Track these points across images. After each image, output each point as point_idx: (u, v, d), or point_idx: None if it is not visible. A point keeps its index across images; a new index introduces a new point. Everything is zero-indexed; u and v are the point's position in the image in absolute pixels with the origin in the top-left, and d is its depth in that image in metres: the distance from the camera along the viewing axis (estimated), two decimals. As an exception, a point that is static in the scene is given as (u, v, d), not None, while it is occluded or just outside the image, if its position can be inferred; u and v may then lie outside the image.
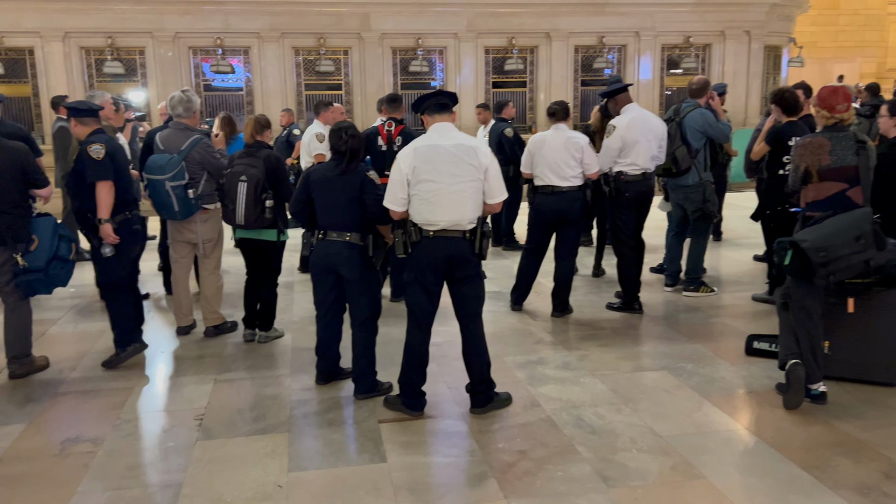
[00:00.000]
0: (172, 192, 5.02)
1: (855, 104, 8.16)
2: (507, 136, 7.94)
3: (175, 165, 5.01)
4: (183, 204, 5.07)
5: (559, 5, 12.89)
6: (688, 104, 6.20)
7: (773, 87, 13.10)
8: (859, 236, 3.71)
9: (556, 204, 5.66)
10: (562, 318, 5.84)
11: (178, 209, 5.09)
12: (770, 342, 4.78)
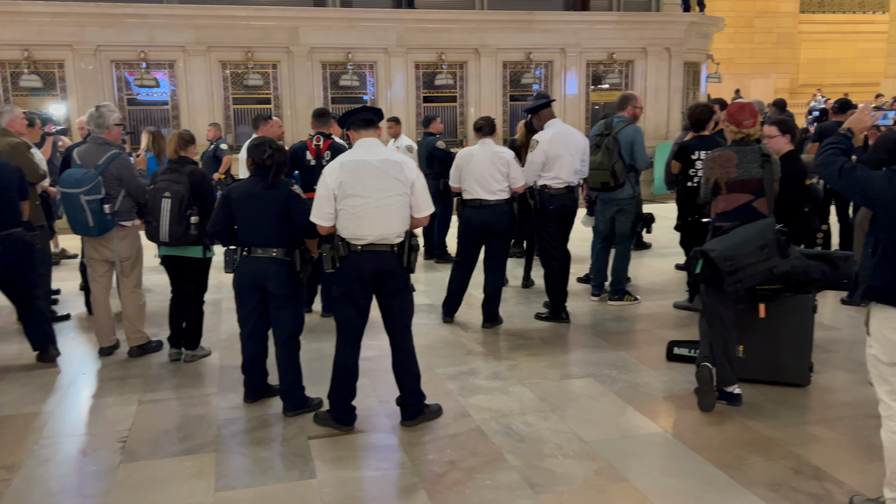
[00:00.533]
0: (87, 207, 4.90)
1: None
2: (440, 148, 8.03)
3: (91, 179, 4.90)
4: (98, 219, 4.95)
5: (487, 22, 13.12)
6: (619, 119, 6.39)
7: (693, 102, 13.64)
8: (764, 245, 3.93)
9: (484, 217, 5.76)
10: (492, 329, 5.93)
11: (93, 224, 4.97)
12: (689, 348, 4.97)
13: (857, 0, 27.27)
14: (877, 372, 2.99)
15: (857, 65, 25.71)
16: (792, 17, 26.08)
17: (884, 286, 2.86)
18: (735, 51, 24.80)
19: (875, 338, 2.95)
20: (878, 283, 2.88)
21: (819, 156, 3.08)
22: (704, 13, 14.71)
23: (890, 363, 2.91)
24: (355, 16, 12.63)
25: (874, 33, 24.96)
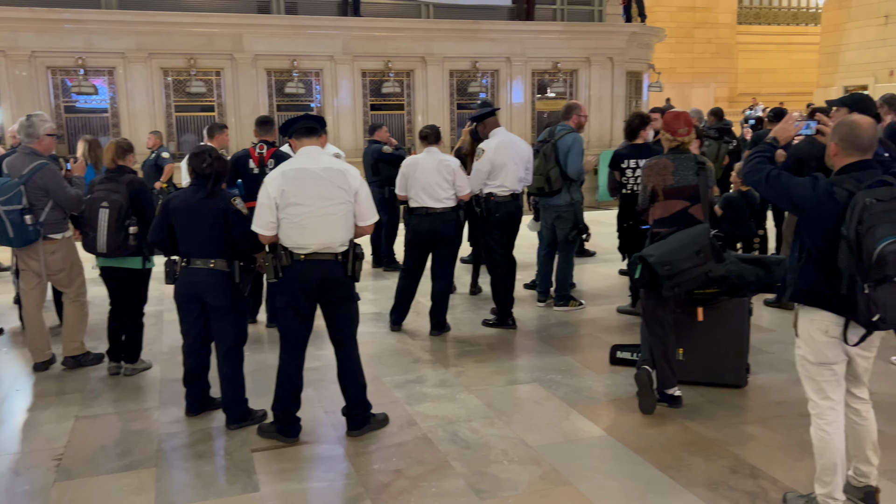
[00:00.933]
0: (6, 217, 4.75)
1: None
2: (386, 152, 8.02)
3: (10, 189, 4.75)
4: (18, 230, 4.81)
5: (433, 30, 13.18)
6: (562, 127, 6.48)
7: (636, 110, 13.93)
8: (699, 250, 4.04)
9: (431, 225, 5.78)
10: (440, 337, 5.94)
11: (13, 235, 4.83)
12: (632, 351, 5.06)
13: (790, 13, 28.28)
14: (805, 372, 3.10)
15: (792, 74, 26.62)
16: (730, 28, 26.89)
17: (809, 289, 2.97)
18: (676, 60, 25.43)
19: (803, 339, 3.06)
20: (803, 287, 2.98)
21: (747, 164, 3.17)
22: (646, 24, 15.06)
23: (817, 363, 3.02)
24: (300, 23, 12.55)
25: (807, 44, 25.89)
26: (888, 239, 2.64)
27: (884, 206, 2.69)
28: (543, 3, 14.05)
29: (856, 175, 2.85)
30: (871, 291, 2.70)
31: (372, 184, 7.92)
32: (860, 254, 2.69)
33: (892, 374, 4.81)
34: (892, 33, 19.22)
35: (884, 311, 2.72)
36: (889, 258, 2.63)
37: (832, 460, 3.02)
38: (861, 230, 2.68)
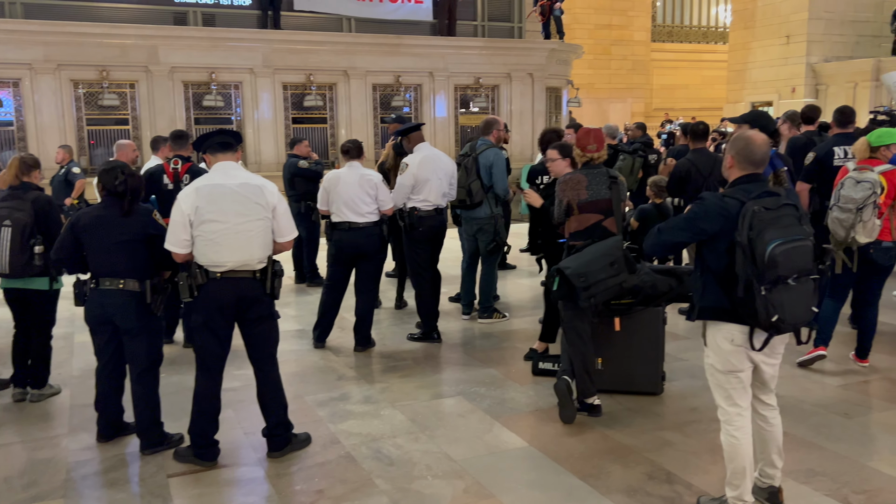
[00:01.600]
0: None
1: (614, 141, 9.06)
2: (303, 167, 7.92)
3: None
4: None
5: (356, 44, 13.16)
6: (483, 142, 6.56)
7: (556, 125, 14.24)
8: (613, 262, 4.17)
9: (354, 239, 5.75)
10: (364, 352, 5.90)
11: None
12: (553, 362, 5.15)
13: (700, 31, 29.52)
14: (714, 380, 3.23)
15: (703, 90, 27.76)
16: (644, 45, 27.85)
17: (713, 306, 3.12)
18: (594, 76, 26.14)
19: (711, 348, 3.19)
20: (707, 304, 3.14)
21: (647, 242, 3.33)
22: (564, 41, 15.44)
23: (725, 371, 3.15)
24: (219, 35, 12.32)
25: (716, 62, 27.05)
26: (776, 241, 2.85)
27: (771, 213, 2.91)
28: (465, 20, 14.23)
29: (745, 187, 3.06)
30: (768, 293, 2.87)
31: (289, 198, 7.82)
32: (754, 258, 2.87)
33: (797, 378, 5.06)
34: (793, 52, 20.31)
35: (781, 312, 2.89)
36: (779, 259, 2.84)
37: (741, 465, 3.15)
38: (752, 235, 2.88)
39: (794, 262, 2.89)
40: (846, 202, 4.85)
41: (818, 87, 20.12)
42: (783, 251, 2.85)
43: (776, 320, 2.89)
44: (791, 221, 2.96)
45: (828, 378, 5.07)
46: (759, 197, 2.97)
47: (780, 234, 2.88)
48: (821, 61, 19.98)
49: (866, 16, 20.37)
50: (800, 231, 2.96)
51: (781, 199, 3.00)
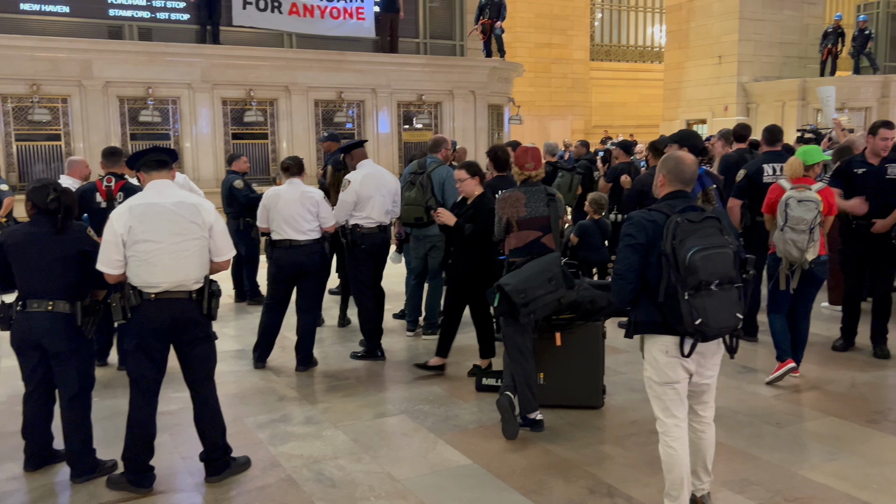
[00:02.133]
0: None
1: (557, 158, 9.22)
2: (237, 188, 7.80)
3: None
4: None
5: (297, 60, 13.06)
6: (432, 159, 6.58)
7: (497, 142, 14.40)
8: (551, 278, 4.24)
9: (295, 257, 5.68)
10: (306, 372, 5.82)
11: None
12: (496, 378, 5.17)
13: (637, 51, 30.32)
14: (652, 392, 3.30)
15: (640, 108, 28.46)
16: (583, 63, 28.44)
17: (647, 320, 3.22)
18: (535, 94, 26.55)
19: (648, 361, 3.28)
20: (642, 319, 3.24)
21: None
22: (505, 59, 15.63)
23: (661, 383, 3.24)
24: (156, 49, 12.07)
25: (653, 80, 27.80)
26: (696, 248, 3.01)
27: (694, 225, 3.08)
28: (407, 37, 14.28)
29: (671, 203, 3.22)
30: (691, 298, 3.00)
31: (227, 215, 7.70)
32: (677, 265, 3.02)
33: (731, 390, 5.19)
34: (725, 72, 21.02)
35: (704, 317, 3.01)
36: (698, 263, 2.99)
37: (679, 475, 3.22)
38: (675, 244, 3.03)
39: (714, 268, 3.03)
40: (798, 223, 4.94)
41: (749, 105, 20.86)
42: (702, 256, 3.00)
43: (699, 324, 3.02)
44: (713, 232, 3.11)
45: (761, 389, 5.22)
46: (683, 211, 3.14)
47: (701, 242, 3.04)
48: (751, 81, 20.73)
49: (792, 38, 21.25)
50: (721, 240, 3.11)
51: (705, 213, 3.17)
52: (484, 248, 5.17)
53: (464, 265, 5.34)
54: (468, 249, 5.26)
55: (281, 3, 12.90)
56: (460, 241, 5.29)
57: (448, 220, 5.28)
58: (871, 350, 5.91)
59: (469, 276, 5.32)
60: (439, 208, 5.51)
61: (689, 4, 22.02)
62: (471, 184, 5.26)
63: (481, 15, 15.00)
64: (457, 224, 5.24)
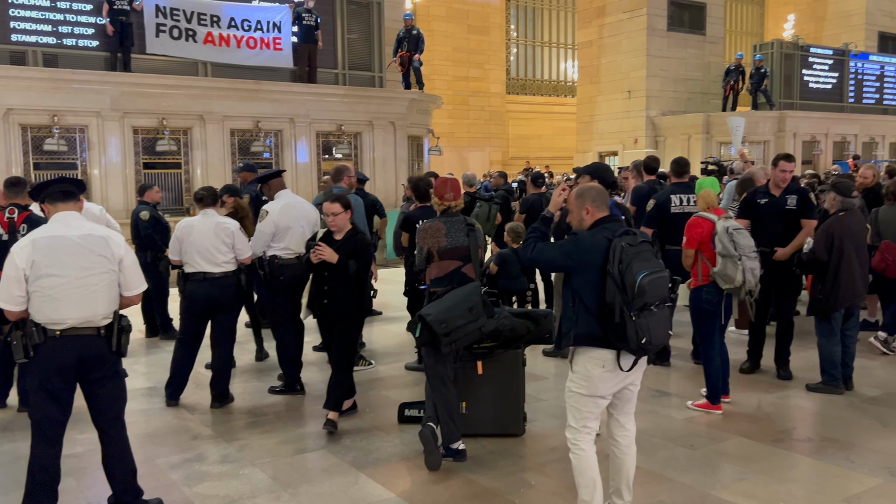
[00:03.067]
0: None
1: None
2: (143, 220, 7.55)
3: None
4: None
5: (212, 89, 12.84)
6: (339, 189, 6.55)
7: (418, 173, 14.50)
8: (472, 307, 4.29)
9: (209, 291, 5.54)
10: (222, 409, 5.64)
11: None
12: (419, 408, 5.14)
13: (551, 85, 31.28)
14: (573, 402, 3.47)
15: (555, 140, 29.31)
16: (500, 97, 29.12)
17: (586, 333, 3.38)
18: (454, 126, 26.96)
19: (579, 374, 3.43)
20: (581, 332, 3.39)
21: (524, 242, 3.65)
22: (424, 91, 15.84)
23: (588, 395, 3.41)
24: (62, 77, 11.63)
25: (567, 114, 28.70)
26: (644, 272, 3.22)
27: (634, 248, 3.29)
28: (325, 68, 14.28)
29: (608, 226, 3.42)
30: (637, 318, 3.20)
31: (136, 247, 7.44)
32: (624, 287, 3.22)
33: (648, 414, 5.33)
34: (634, 106, 21.93)
35: (648, 335, 3.22)
36: (647, 287, 3.20)
37: (591, 476, 3.40)
38: (622, 268, 3.24)
39: (657, 291, 3.26)
40: (750, 251, 5.11)
41: (657, 138, 21.79)
42: (650, 280, 3.22)
43: (645, 342, 3.22)
44: (649, 256, 3.35)
45: (674, 412, 5.39)
46: (620, 235, 3.34)
47: (646, 266, 3.26)
48: (659, 115, 21.69)
49: (696, 75, 22.40)
50: (658, 264, 3.35)
51: (638, 237, 3.39)
52: (363, 285, 5.09)
53: (345, 303, 4.99)
54: (349, 287, 4.97)
55: (196, 32, 12.68)
56: (341, 279, 4.93)
57: (331, 258, 4.86)
58: (776, 372, 6.20)
59: (348, 314, 5.05)
60: (321, 244, 4.94)
61: (599, 41, 22.93)
62: (344, 218, 5.01)
63: (399, 48, 15.19)
64: (340, 261, 4.88)
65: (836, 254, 5.53)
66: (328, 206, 5.01)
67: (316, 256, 4.89)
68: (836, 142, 21.77)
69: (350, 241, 4.99)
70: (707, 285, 5.21)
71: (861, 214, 6.04)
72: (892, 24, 26.03)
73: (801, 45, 21.36)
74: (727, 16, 28.63)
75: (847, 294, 5.56)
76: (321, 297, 5.05)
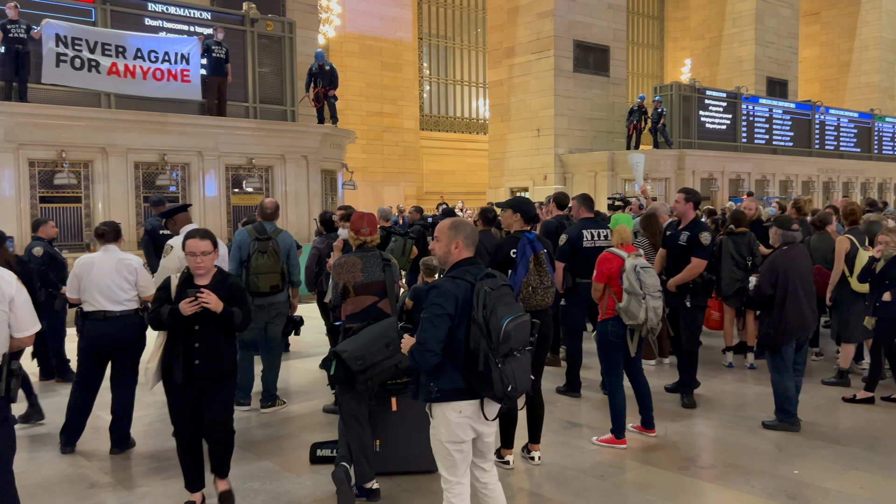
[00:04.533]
0: None
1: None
2: (35, 256, 7.18)
3: None
4: None
5: (115, 121, 12.42)
6: (271, 226, 6.43)
7: (332, 207, 14.40)
8: (389, 343, 4.24)
9: (109, 330, 5.30)
10: (123, 454, 5.36)
11: None
12: (332, 448, 5.03)
13: (464, 122, 31.84)
14: (439, 450, 3.35)
15: (468, 176, 29.76)
16: (414, 133, 29.40)
17: (452, 388, 3.25)
18: (368, 160, 26.99)
19: (439, 421, 3.32)
20: (445, 387, 3.25)
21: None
22: (337, 125, 15.82)
23: (449, 441, 3.29)
24: (-48, 106, 11.02)
25: (479, 150, 29.24)
26: (509, 317, 3.12)
27: (496, 292, 3.20)
28: (235, 101, 14.08)
29: (469, 269, 3.31)
30: (503, 366, 3.10)
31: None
32: (489, 333, 3.11)
33: (559, 445, 5.40)
34: (543, 144, 22.56)
35: (513, 382, 3.12)
36: (512, 333, 3.10)
37: None
38: (486, 313, 3.13)
39: (521, 335, 3.18)
40: (655, 290, 5.18)
41: (566, 175, 22.46)
42: (514, 326, 3.13)
43: (510, 390, 3.12)
44: (511, 300, 3.26)
45: (585, 443, 5.48)
46: (482, 279, 3.25)
47: (509, 310, 3.16)
48: (566, 152, 22.39)
49: (601, 115, 23.32)
50: (519, 308, 3.26)
51: (499, 279, 3.30)
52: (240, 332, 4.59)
53: (223, 362, 4.20)
54: (228, 342, 4.27)
55: (99, 63, 12.26)
56: (220, 333, 4.17)
57: (217, 306, 4.03)
58: (680, 400, 6.41)
59: (226, 376, 4.28)
60: (206, 290, 4.04)
61: (509, 81, 23.58)
62: (213, 258, 4.24)
63: (312, 82, 15.15)
64: (225, 311, 4.09)
65: (782, 288, 5.58)
66: (196, 243, 4.12)
67: (196, 305, 3.99)
68: (732, 179, 23.01)
69: (222, 285, 4.18)
70: (612, 319, 5.28)
71: (804, 247, 6.21)
72: (779, 70, 27.96)
73: (698, 87, 22.58)
74: (629, 59, 30.09)
75: (795, 327, 5.59)
76: (190, 358, 4.11)
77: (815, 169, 25.58)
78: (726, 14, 27.73)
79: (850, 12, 34.26)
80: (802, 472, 4.88)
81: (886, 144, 28.69)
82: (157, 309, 4.18)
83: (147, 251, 8.13)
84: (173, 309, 4.07)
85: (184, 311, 4.02)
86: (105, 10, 12.64)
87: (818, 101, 26.89)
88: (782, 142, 24.73)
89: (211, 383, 4.20)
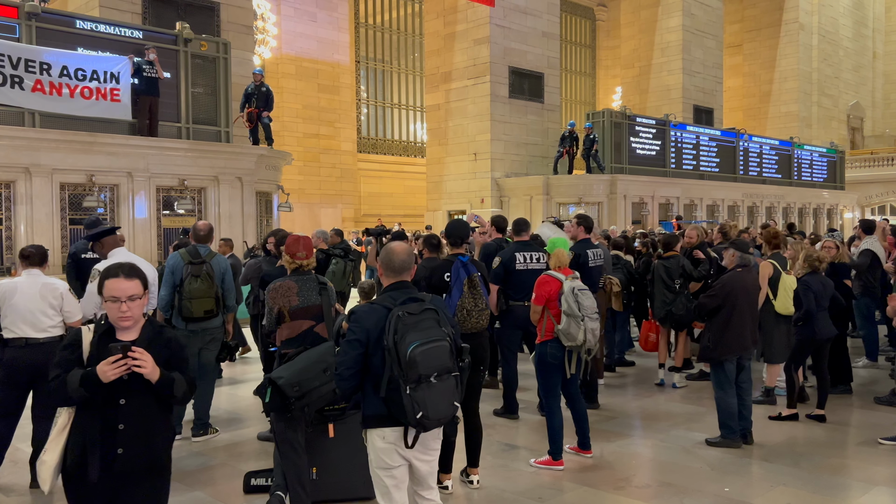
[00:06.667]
0: None
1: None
2: None
3: None
4: None
5: (40, 140, 11.97)
6: (205, 248, 6.28)
7: (267, 229, 14.18)
8: (326, 368, 4.19)
9: (32, 358, 5.05)
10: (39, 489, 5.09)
11: None
12: (267, 477, 4.91)
13: (402, 145, 31.93)
14: (373, 475, 3.33)
15: (406, 198, 29.80)
16: (351, 155, 29.31)
17: (375, 415, 3.24)
18: (305, 182, 26.74)
19: (370, 447, 3.31)
20: (369, 413, 3.27)
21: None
22: (273, 147, 15.64)
23: (379, 468, 3.28)
24: None
25: (417, 173, 29.34)
26: (416, 343, 3.10)
27: (414, 318, 3.18)
28: (168, 121, 13.77)
29: (392, 294, 3.32)
30: (412, 392, 3.08)
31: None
32: (399, 359, 3.09)
33: (498, 468, 5.41)
34: (480, 168, 22.82)
35: (425, 409, 3.10)
36: (418, 358, 3.08)
37: None
38: (397, 339, 3.10)
39: (432, 362, 3.12)
40: (592, 312, 5.24)
41: (502, 198, 22.74)
42: (422, 351, 3.08)
43: (421, 417, 3.09)
44: (431, 325, 3.20)
45: (523, 465, 5.50)
46: (404, 303, 3.23)
47: (420, 336, 3.12)
48: (503, 176, 22.69)
49: (535, 140, 23.76)
50: (439, 332, 3.20)
51: (424, 304, 3.27)
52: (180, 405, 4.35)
53: (154, 450, 3.04)
54: (164, 421, 3.14)
55: (23, 79, 11.83)
56: (152, 409, 2.99)
57: (153, 374, 2.87)
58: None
59: (158, 470, 3.32)
60: (139, 350, 2.83)
61: (446, 105, 23.81)
62: (142, 305, 3.09)
63: (247, 103, 14.96)
64: (162, 379, 2.93)
65: (730, 305, 5.81)
66: (119, 284, 2.93)
67: (124, 367, 2.80)
68: (662, 203, 23.70)
69: (157, 341, 3.02)
70: (551, 341, 5.34)
71: (755, 271, 6.49)
72: (705, 99, 29.09)
73: (629, 114, 23.25)
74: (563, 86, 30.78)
75: (735, 345, 5.81)
76: (111, 444, 2.91)
77: (740, 194, 26.58)
78: (655, 44, 28.75)
79: (770, 45, 36.04)
80: (733, 488, 5.01)
81: (805, 171, 30.09)
82: (62, 375, 2.90)
83: (69, 276, 7.82)
84: (87, 374, 2.83)
85: (105, 377, 2.78)
86: (30, 26, 12.23)
87: (742, 129, 28.04)
88: (709, 167, 25.65)
89: (136, 480, 2.96)
